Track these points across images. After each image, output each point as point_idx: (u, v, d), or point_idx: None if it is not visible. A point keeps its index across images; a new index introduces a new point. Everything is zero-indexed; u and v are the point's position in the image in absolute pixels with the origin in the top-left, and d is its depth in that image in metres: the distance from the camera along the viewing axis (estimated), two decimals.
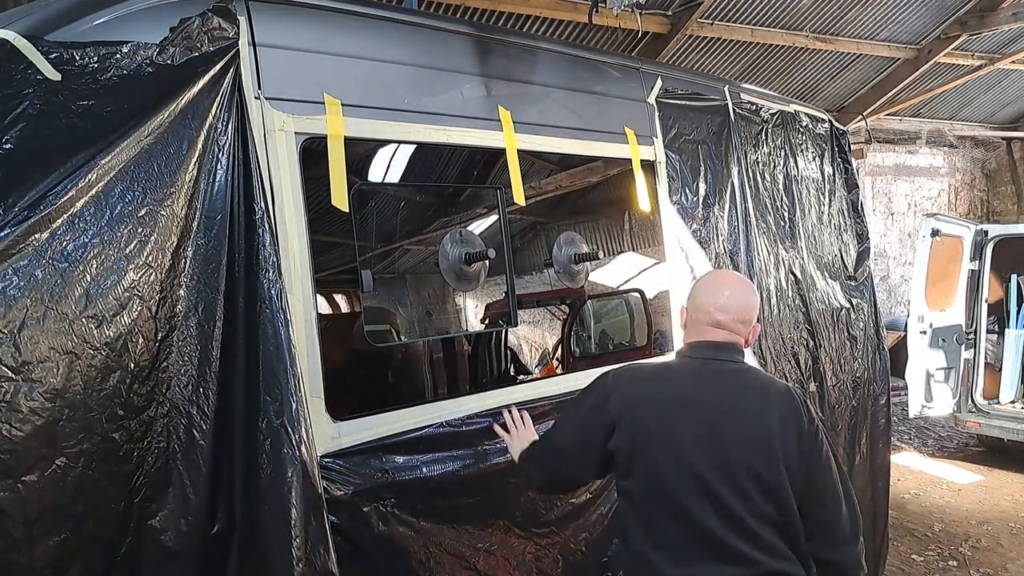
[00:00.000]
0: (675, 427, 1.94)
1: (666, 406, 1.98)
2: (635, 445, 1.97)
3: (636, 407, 2.01)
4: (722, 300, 2.03)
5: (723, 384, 2.00)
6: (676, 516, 1.91)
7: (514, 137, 2.69)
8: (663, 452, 1.93)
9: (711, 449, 1.90)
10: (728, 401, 1.97)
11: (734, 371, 2.03)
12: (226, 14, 1.97)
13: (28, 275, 1.56)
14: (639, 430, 1.97)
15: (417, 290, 3.42)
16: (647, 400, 2.01)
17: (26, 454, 1.54)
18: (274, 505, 1.83)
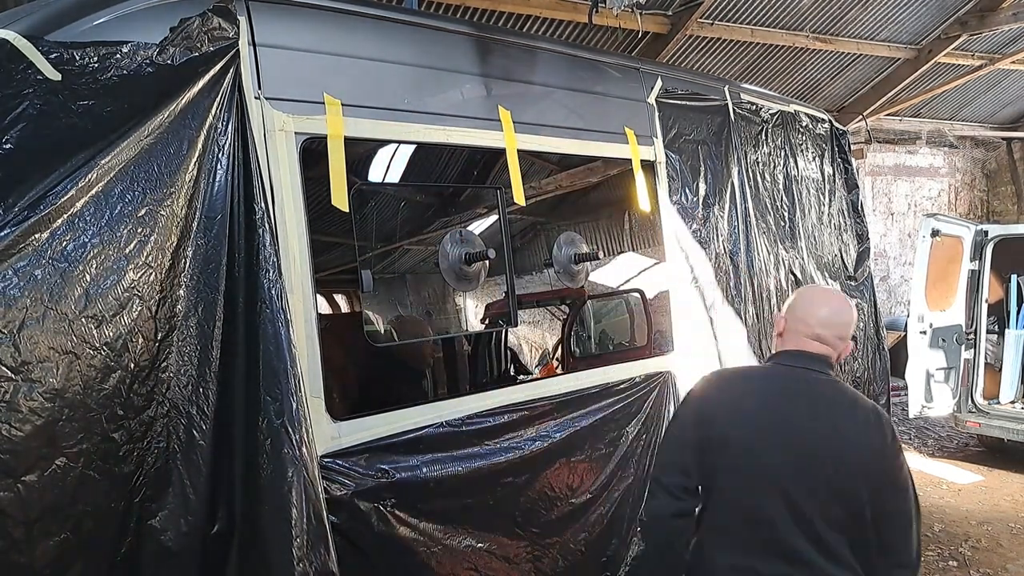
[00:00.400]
0: (761, 430, 2.00)
1: (755, 408, 2.05)
2: (723, 443, 2.03)
3: (728, 409, 2.07)
4: (824, 315, 2.09)
5: (813, 393, 2.04)
6: (748, 513, 1.97)
7: (514, 137, 2.69)
8: (747, 453, 1.99)
9: (794, 456, 1.95)
10: (816, 411, 2.01)
11: (824, 383, 2.07)
12: (226, 14, 1.97)
13: (28, 275, 1.56)
14: (729, 428, 2.03)
15: (417, 290, 3.42)
16: (739, 403, 2.08)
17: (26, 454, 1.54)
18: (274, 505, 1.83)
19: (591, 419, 2.78)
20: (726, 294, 3.36)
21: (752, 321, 3.46)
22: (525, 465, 2.55)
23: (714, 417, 2.05)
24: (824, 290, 2.51)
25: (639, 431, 2.96)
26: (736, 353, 3.36)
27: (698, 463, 2.04)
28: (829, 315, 2.09)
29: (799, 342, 2.09)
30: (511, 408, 2.57)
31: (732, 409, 2.06)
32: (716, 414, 2.06)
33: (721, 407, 2.07)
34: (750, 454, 1.98)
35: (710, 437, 2.03)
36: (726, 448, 2.01)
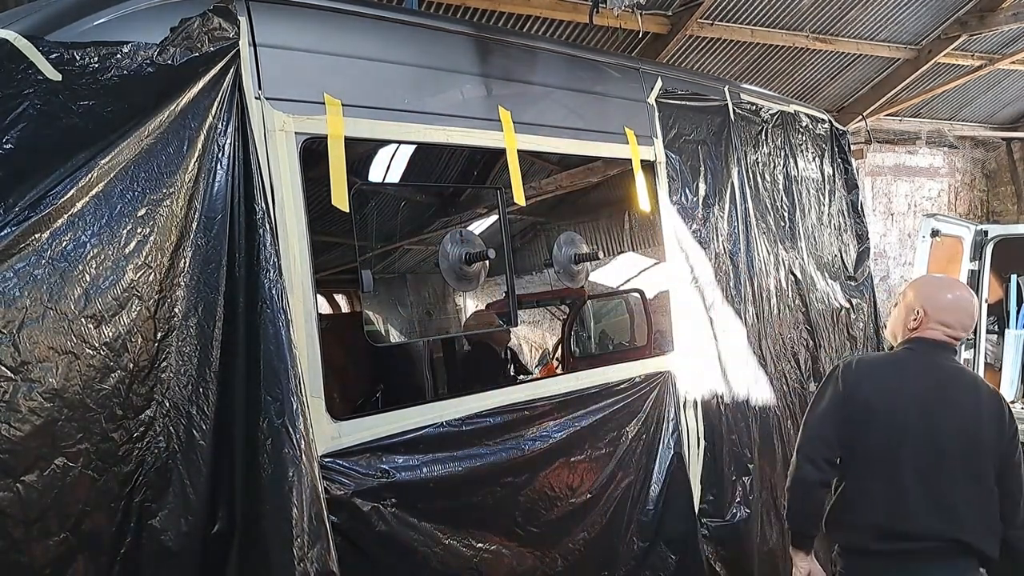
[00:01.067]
0: (900, 409, 2.35)
1: (893, 390, 2.39)
2: (867, 414, 2.38)
3: (873, 385, 2.41)
4: (961, 312, 2.44)
5: (944, 378, 2.41)
6: (891, 480, 2.33)
7: (514, 137, 2.69)
8: (889, 428, 2.34)
9: (929, 431, 2.32)
10: (947, 392, 2.37)
11: (954, 368, 2.48)
12: (226, 14, 1.97)
13: (28, 275, 1.56)
14: (874, 401, 2.38)
15: (417, 290, 3.42)
16: (883, 380, 2.42)
17: (26, 454, 1.54)
18: (275, 505, 1.83)
19: (591, 419, 2.78)
20: (726, 294, 3.36)
21: (752, 321, 3.46)
22: (525, 465, 2.55)
23: (858, 392, 2.38)
24: (961, 288, 2.64)
25: (639, 431, 2.96)
26: (736, 353, 3.36)
27: (840, 436, 2.39)
28: (963, 315, 2.43)
29: (934, 332, 2.41)
30: (511, 408, 2.57)
31: (878, 387, 2.39)
32: (861, 389, 2.39)
33: (865, 383, 2.40)
34: (891, 426, 2.33)
35: (855, 410, 2.37)
36: (871, 418, 2.35)
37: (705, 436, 3.21)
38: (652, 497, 2.97)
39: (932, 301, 2.44)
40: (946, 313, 2.42)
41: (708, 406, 3.23)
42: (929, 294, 2.48)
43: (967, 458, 2.31)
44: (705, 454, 3.20)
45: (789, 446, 3.61)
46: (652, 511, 2.96)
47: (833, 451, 2.40)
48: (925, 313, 2.42)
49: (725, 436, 3.24)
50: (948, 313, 2.42)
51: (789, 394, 3.69)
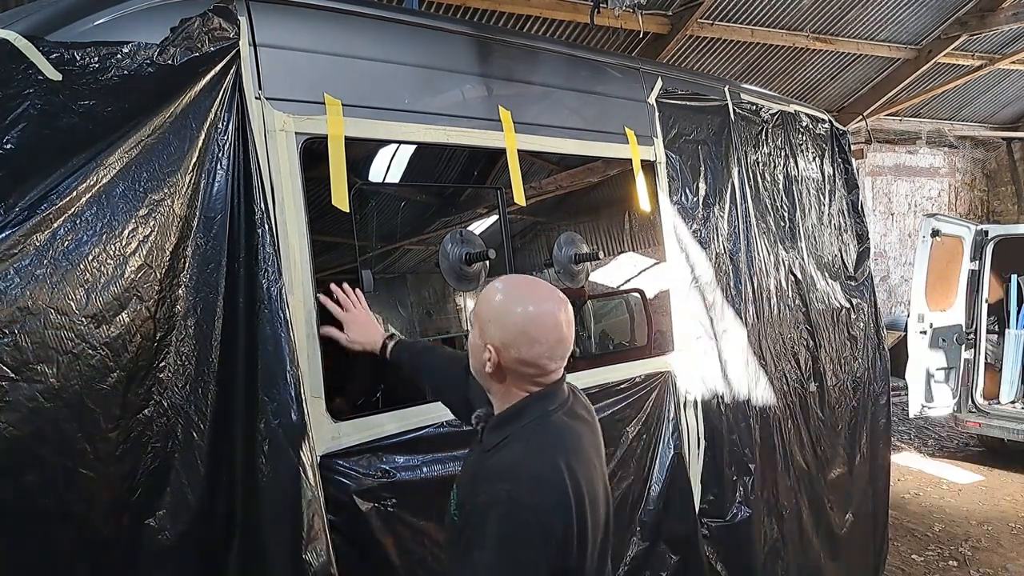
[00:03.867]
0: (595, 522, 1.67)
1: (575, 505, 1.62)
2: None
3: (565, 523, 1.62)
4: (547, 329, 1.65)
5: (586, 439, 1.77)
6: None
7: (514, 137, 2.69)
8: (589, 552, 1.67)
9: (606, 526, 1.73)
10: (594, 456, 1.77)
11: (583, 415, 1.80)
12: (226, 14, 1.97)
13: (29, 275, 1.56)
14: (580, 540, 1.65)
15: (417, 290, 3.42)
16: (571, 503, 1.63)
17: (26, 454, 1.54)
18: (273, 505, 1.83)
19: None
20: (726, 294, 3.36)
21: (752, 321, 3.46)
22: None
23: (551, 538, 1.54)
24: (520, 287, 1.72)
25: (639, 431, 2.96)
26: (736, 353, 3.36)
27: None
28: (550, 328, 1.62)
29: (530, 372, 1.63)
30: None
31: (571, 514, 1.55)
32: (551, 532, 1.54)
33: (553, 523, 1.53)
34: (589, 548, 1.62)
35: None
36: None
37: (705, 436, 3.21)
38: (653, 497, 2.97)
39: (501, 332, 1.60)
40: (527, 351, 1.59)
41: (708, 406, 3.23)
42: (495, 324, 1.62)
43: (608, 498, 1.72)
44: (705, 454, 3.20)
45: (790, 446, 3.62)
46: (653, 511, 2.96)
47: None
48: (499, 354, 1.60)
49: (726, 436, 3.24)
50: (529, 351, 1.59)
51: (790, 394, 3.69)
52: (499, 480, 1.50)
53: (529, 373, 1.63)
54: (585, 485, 1.55)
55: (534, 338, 1.59)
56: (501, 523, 1.43)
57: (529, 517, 1.44)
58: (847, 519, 4.06)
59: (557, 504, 1.48)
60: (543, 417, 1.62)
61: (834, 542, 3.93)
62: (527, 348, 1.59)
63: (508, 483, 1.48)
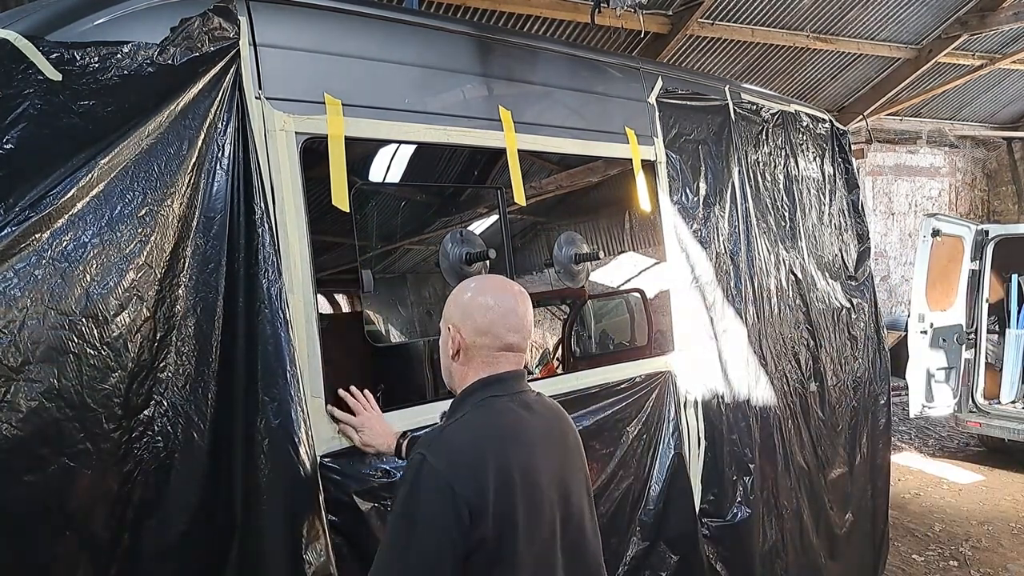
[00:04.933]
0: (540, 509, 1.74)
1: (513, 484, 1.70)
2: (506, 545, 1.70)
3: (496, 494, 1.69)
4: (505, 313, 1.78)
5: (545, 426, 1.85)
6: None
7: (514, 137, 2.68)
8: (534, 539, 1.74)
9: (570, 516, 1.80)
10: (558, 446, 1.85)
11: (538, 401, 1.88)
12: (227, 14, 1.97)
13: (28, 275, 1.57)
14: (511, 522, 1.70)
15: (418, 290, 3.42)
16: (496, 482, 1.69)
17: (26, 454, 1.55)
18: (273, 505, 1.83)
19: (591, 419, 2.78)
20: (726, 294, 3.36)
21: (752, 321, 3.46)
22: None
23: (479, 509, 1.58)
24: (485, 282, 1.85)
25: (640, 431, 2.96)
26: (736, 353, 3.36)
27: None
28: (506, 312, 1.74)
29: (491, 359, 1.74)
30: None
31: (495, 487, 1.60)
32: (479, 502, 1.58)
33: (476, 490, 1.58)
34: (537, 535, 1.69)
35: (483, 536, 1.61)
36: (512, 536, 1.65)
37: (706, 436, 3.21)
38: (653, 497, 2.97)
39: (459, 312, 1.75)
40: (480, 317, 1.71)
41: (709, 406, 3.23)
42: (453, 306, 1.77)
43: (592, 514, 1.81)
44: (706, 454, 3.20)
45: (790, 446, 3.62)
46: (653, 511, 2.96)
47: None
48: (462, 337, 1.72)
49: (726, 436, 3.24)
50: (482, 316, 1.71)
51: (790, 394, 3.69)
52: (421, 447, 1.61)
53: (487, 344, 1.72)
54: (517, 468, 1.61)
55: (487, 305, 1.73)
56: (411, 482, 1.55)
57: (433, 480, 1.53)
58: (847, 519, 4.06)
59: (467, 474, 1.55)
60: (485, 400, 1.71)
61: (834, 542, 3.93)
62: (481, 315, 1.72)
63: (426, 449, 1.59)
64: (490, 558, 1.54)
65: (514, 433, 1.69)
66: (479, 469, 1.57)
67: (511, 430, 1.69)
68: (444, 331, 1.79)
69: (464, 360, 1.75)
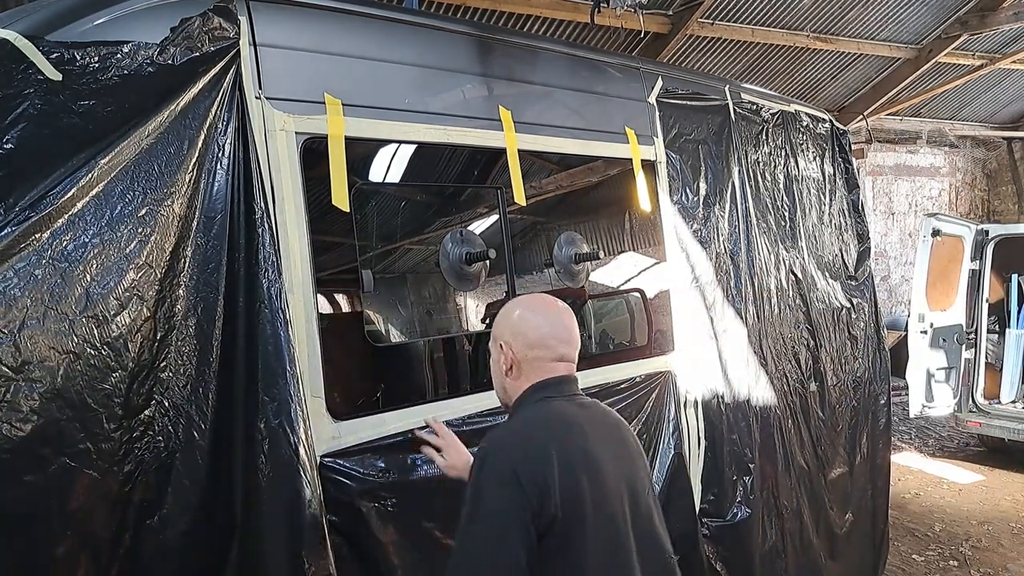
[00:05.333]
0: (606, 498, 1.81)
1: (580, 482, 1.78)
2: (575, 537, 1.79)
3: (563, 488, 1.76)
4: (555, 326, 1.90)
5: (600, 425, 1.94)
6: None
7: (515, 137, 2.69)
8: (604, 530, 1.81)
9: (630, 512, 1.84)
10: (616, 444, 1.93)
11: (593, 405, 1.99)
12: (227, 14, 1.97)
13: (28, 275, 1.57)
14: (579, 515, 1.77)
15: (418, 290, 3.42)
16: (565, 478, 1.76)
17: (26, 454, 1.55)
18: (273, 505, 1.83)
19: None
20: (726, 294, 3.36)
21: (753, 321, 3.46)
22: None
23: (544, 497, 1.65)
24: (533, 300, 1.97)
25: (639, 431, 2.96)
26: (736, 352, 3.36)
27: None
28: (556, 324, 1.86)
29: (544, 366, 1.83)
30: None
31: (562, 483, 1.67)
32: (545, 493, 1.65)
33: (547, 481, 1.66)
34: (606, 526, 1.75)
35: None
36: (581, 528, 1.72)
37: (706, 436, 3.21)
38: None
39: (510, 329, 1.85)
40: (531, 332, 1.82)
41: (709, 406, 3.23)
42: (503, 324, 1.88)
43: (658, 509, 1.89)
44: (706, 454, 3.20)
45: (790, 446, 3.62)
46: None
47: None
48: (514, 353, 1.82)
49: (726, 436, 3.24)
50: (533, 331, 1.82)
51: (790, 394, 3.69)
52: (483, 445, 1.75)
53: (539, 357, 1.82)
54: (578, 451, 1.70)
55: (537, 321, 1.85)
56: (475, 478, 1.65)
57: (496, 470, 1.63)
58: (847, 519, 4.06)
59: (529, 458, 1.64)
60: (540, 400, 1.81)
61: (834, 542, 3.93)
62: (532, 330, 1.83)
63: (487, 445, 1.73)
64: (560, 540, 1.59)
65: (571, 423, 1.77)
66: (541, 451, 1.65)
67: (568, 421, 1.77)
68: (496, 350, 1.88)
69: (517, 374, 1.84)
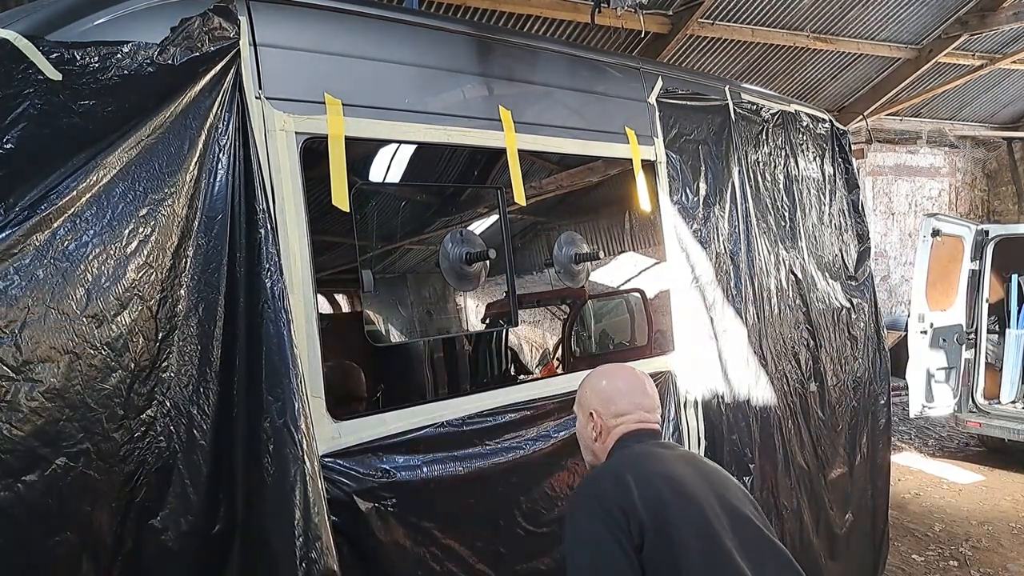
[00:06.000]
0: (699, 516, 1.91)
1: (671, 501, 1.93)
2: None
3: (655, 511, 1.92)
4: (631, 392, 2.13)
5: (686, 457, 2.19)
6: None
7: (515, 137, 2.69)
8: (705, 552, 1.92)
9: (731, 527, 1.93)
10: (701, 468, 2.10)
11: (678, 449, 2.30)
12: (227, 14, 1.97)
13: (29, 275, 1.56)
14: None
15: (418, 290, 3.42)
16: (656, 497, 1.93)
17: (26, 454, 1.54)
18: (276, 505, 1.83)
19: None
20: (727, 294, 3.36)
21: (753, 321, 3.46)
22: (526, 465, 2.55)
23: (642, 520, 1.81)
24: (613, 370, 2.20)
25: None
26: (736, 353, 3.36)
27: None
28: (633, 390, 2.08)
29: (625, 425, 2.02)
30: (512, 408, 2.57)
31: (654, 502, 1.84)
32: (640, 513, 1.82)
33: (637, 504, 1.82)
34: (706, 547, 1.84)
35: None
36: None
37: (705, 436, 3.21)
38: None
39: (598, 399, 2.05)
40: (619, 400, 2.02)
41: (709, 406, 3.23)
42: (591, 395, 2.08)
43: (771, 531, 1.92)
44: (706, 453, 3.20)
45: (790, 446, 3.62)
46: None
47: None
48: (603, 421, 2.02)
49: (726, 436, 3.24)
50: (620, 399, 2.03)
51: (790, 394, 3.69)
52: (577, 487, 2.03)
53: (625, 421, 2.01)
54: (657, 474, 1.86)
55: (622, 390, 2.04)
56: (570, 512, 1.90)
57: (583, 502, 1.85)
58: (847, 519, 4.05)
59: (609, 485, 1.84)
60: (622, 449, 1.99)
61: (834, 542, 3.93)
62: (620, 399, 2.03)
63: (576, 489, 1.99)
64: (655, 543, 1.73)
65: (649, 455, 1.95)
66: (620, 479, 1.84)
67: (646, 454, 1.95)
68: (584, 417, 2.07)
69: (605, 438, 2.02)
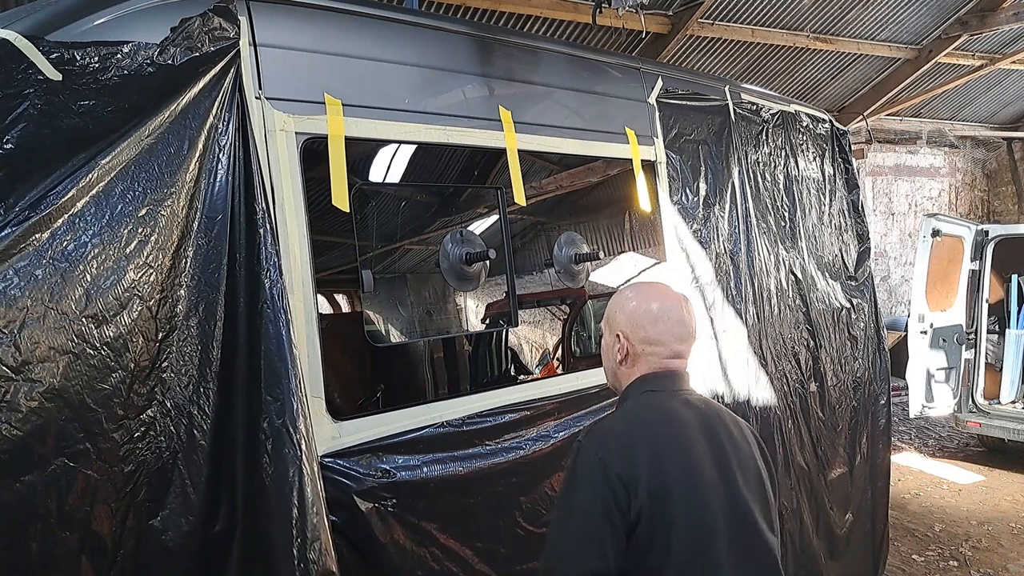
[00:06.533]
0: (699, 494, 1.79)
1: (667, 473, 1.80)
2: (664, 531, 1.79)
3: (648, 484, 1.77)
4: (669, 321, 1.90)
5: (707, 424, 1.92)
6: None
7: (515, 137, 2.69)
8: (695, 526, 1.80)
9: (734, 507, 1.82)
10: (724, 441, 1.88)
11: (703, 403, 1.96)
12: (227, 14, 1.97)
13: (29, 275, 1.56)
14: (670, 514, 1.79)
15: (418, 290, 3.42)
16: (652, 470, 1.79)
17: (26, 454, 1.54)
18: (276, 505, 1.83)
19: (592, 419, 2.78)
20: (726, 294, 3.36)
21: (752, 321, 3.46)
22: (526, 465, 2.55)
23: (629, 495, 1.68)
24: (654, 289, 1.95)
25: None
26: (736, 353, 3.36)
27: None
28: (672, 320, 1.84)
29: (654, 361, 1.84)
30: (512, 408, 2.57)
31: (649, 476, 1.70)
32: (630, 485, 1.68)
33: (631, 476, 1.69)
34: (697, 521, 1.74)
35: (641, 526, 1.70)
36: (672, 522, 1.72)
37: None
38: None
39: (626, 320, 1.84)
40: (649, 327, 1.81)
41: None
42: (619, 315, 1.86)
43: (768, 511, 1.79)
44: None
45: (790, 446, 3.62)
46: None
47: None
48: (631, 344, 1.82)
49: None
50: (651, 325, 1.81)
51: (790, 394, 3.69)
52: (582, 435, 1.79)
53: (655, 352, 1.82)
54: (670, 449, 1.71)
55: (655, 316, 1.82)
56: (570, 468, 1.73)
57: (588, 462, 1.68)
58: (847, 519, 4.05)
59: (619, 451, 1.67)
60: (644, 394, 1.82)
61: (834, 542, 3.93)
62: (651, 326, 1.82)
63: (583, 437, 1.76)
64: (647, 530, 1.62)
65: (668, 420, 1.77)
66: (630, 447, 1.68)
67: (665, 417, 1.77)
68: (611, 337, 1.87)
69: (631, 364, 1.85)
